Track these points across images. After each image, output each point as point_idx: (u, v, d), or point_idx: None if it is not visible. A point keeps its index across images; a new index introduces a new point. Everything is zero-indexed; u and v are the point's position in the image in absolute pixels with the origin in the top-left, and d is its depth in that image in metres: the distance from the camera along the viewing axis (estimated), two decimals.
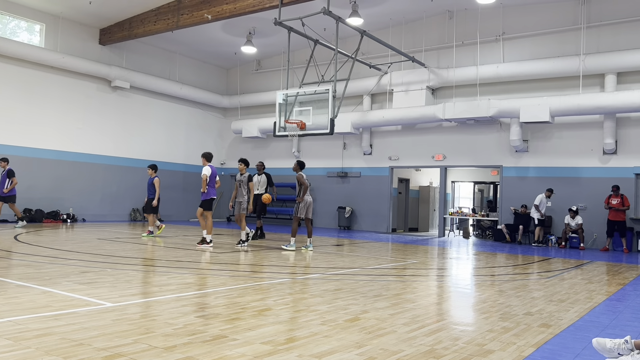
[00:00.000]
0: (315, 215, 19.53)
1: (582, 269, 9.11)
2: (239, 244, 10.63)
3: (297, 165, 10.95)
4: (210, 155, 10.45)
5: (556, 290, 6.64)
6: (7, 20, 15.91)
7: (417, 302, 5.49)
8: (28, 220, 15.38)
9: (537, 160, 15.19)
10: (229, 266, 7.82)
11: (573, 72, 14.30)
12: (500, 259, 10.59)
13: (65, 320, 4.13)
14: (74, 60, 16.57)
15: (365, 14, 15.62)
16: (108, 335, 3.73)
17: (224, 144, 22.36)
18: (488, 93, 15.78)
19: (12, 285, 5.49)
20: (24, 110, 15.79)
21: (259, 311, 4.72)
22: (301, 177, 10.58)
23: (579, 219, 13.87)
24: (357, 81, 17.42)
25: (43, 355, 3.23)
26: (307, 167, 19.78)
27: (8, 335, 3.61)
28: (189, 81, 20.53)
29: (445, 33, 16.68)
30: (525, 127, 15.08)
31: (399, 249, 11.90)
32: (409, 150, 17.48)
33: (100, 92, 17.86)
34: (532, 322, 4.72)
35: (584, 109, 13.59)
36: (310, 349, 3.60)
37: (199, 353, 3.40)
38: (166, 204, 17.93)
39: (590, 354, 3.75)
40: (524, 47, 15.47)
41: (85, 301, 4.87)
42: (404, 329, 4.26)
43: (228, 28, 17.52)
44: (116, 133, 18.29)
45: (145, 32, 16.51)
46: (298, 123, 13.08)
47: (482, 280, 7.62)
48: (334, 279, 6.87)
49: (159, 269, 7.30)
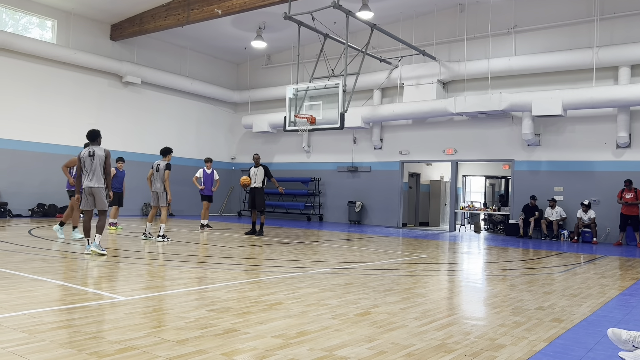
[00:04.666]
0: (325, 209, 19.56)
1: (594, 264, 9.04)
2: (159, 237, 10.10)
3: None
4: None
5: (568, 284, 6.60)
6: (19, 16, 16.04)
7: (428, 297, 5.48)
8: (41, 215, 15.56)
9: (550, 154, 15.06)
10: (239, 260, 7.85)
11: (586, 64, 14.14)
12: (511, 254, 10.53)
13: (79, 314, 4.18)
14: (85, 56, 16.68)
15: (376, 7, 15.54)
16: (121, 328, 3.77)
17: (234, 139, 22.42)
18: (500, 86, 15.65)
19: (27, 279, 5.56)
20: (36, 106, 15.94)
21: (270, 305, 4.74)
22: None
23: (591, 213, 13.75)
24: (367, 75, 17.35)
25: (57, 347, 3.27)
26: (317, 161, 19.89)
27: (23, 328, 3.66)
28: (199, 76, 20.59)
29: (456, 26, 16.55)
30: (537, 121, 14.95)
31: (410, 244, 11.88)
32: (420, 144, 17.41)
33: (112, 87, 17.97)
34: (544, 316, 4.70)
35: (597, 102, 13.44)
36: (321, 342, 3.61)
37: (210, 346, 3.42)
38: (178, 199, 18.01)
39: (603, 348, 3.72)
40: (536, 39, 15.31)
41: (98, 295, 4.92)
42: (414, 323, 4.25)
43: (238, 23, 17.53)
44: (128, 128, 18.40)
45: (155, 27, 16.57)
46: (308, 118, 13.08)
47: (493, 274, 7.59)
48: (344, 274, 6.88)
49: (170, 263, 7.36)
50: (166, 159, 10.33)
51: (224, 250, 8.94)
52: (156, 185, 10.27)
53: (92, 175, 7.57)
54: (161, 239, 9.94)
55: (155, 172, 10.30)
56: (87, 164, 7.63)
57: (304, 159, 20.25)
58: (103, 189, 7.66)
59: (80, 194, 7.67)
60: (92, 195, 7.62)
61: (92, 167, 7.58)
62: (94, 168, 7.57)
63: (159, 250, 8.67)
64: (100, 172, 7.63)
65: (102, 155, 7.65)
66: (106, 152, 7.74)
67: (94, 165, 7.57)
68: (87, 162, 7.63)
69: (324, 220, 19.52)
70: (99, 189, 7.60)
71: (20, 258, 7.12)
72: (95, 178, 7.60)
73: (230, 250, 8.98)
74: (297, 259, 8.22)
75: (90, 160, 7.60)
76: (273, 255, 8.69)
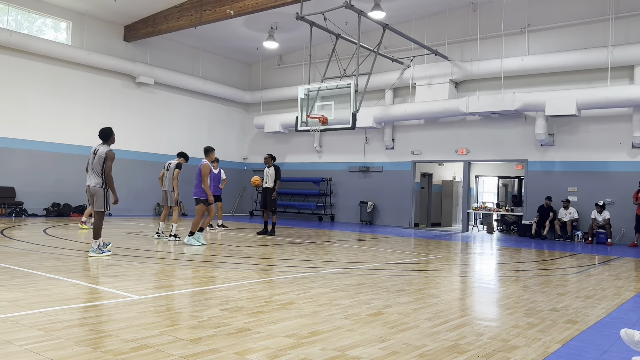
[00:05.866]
0: (336, 209, 19.55)
1: (609, 265, 8.94)
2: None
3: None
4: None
5: (583, 286, 6.54)
6: (34, 18, 16.25)
7: (441, 297, 5.46)
8: (56, 215, 15.74)
9: (563, 154, 14.92)
10: (251, 260, 7.88)
11: (601, 64, 13.99)
12: (525, 255, 10.45)
13: (94, 312, 4.23)
14: (99, 57, 16.85)
15: (388, 7, 15.51)
16: (135, 327, 3.81)
17: (246, 139, 22.50)
18: (513, 86, 15.53)
19: (43, 277, 5.63)
20: (51, 106, 16.14)
21: (282, 305, 4.75)
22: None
23: (606, 214, 13.60)
24: (379, 75, 17.32)
25: (73, 345, 3.31)
26: (329, 161, 19.90)
27: (40, 326, 3.71)
28: (211, 77, 20.70)
29: (469, 26, 16.46)
30: (551, 121, 14.82)
31: (422, 244, 11.84)
32: (432, 144, 17.34)
33: (125, 88, 18.13)
34: (558, 318, 4.66)
35: (612, 101, 13.29)
36: (333, 342, 3.62)
37: (223, 345, 3.45)
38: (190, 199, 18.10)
39: (618, 350, 3.68)
40: (550, 39, 15.18)
41: (112, 294, 4.97)
42: (427, 324, 4.24)
43: (250, 23, 17.59)
44: (141, 128, 18.56)
45: (168, 28, 16.69)
46: (320, 118, 13.08)
47: (506, 275, 7.54)
48: (356, 274, 6.87)
49: (182, 262, 7.41)
50: (180, 161, 10.43)
51: (236, 250, 8.98)
52: (166, 184, 10.37)
53: (91, 173, 7.50)
54: (173, 239, 10.00)
55: (166, 172, 10.39)
56: (89, 161, 7.59)
57: (315, 159, 20.27)
58: (101, 189, 7.46)
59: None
60: (90, 194, 7.51)
61: (91, 165, 7.51)
62: (93, 166, 7.48)
63: (171, 250, 8.73)
64: (98, 170, 7.46)
65: (102, 156, 7.44)
66: (108, 153, 7.47)
67: (93, 163, 7.48)
68: (89, 160, 7.59)
69: (336, 220, 19.52)
70: (96, 188, 7.43)
71: (35, 257, 7.21)
72: (93, 176, 7.47)
73: (242, 250, 9.02)
74: (309, 259, 8.24)
75: (92, 158, 7.54)
76: (285, 255, 8.71)
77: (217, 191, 13.36)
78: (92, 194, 7.53)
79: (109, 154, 7.50)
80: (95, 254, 7.45)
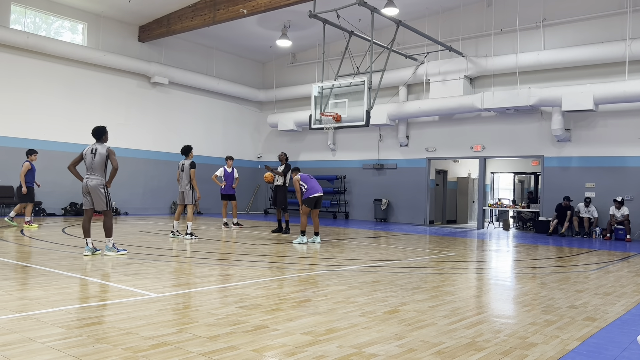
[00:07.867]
0: (351, 207, 19.54)
1: (628, 262, 8.83)
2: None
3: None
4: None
5: (601, 283, 6.46)
6: (51, 20, 16.46)
7: (457, 295, 5.44)
8: (74, 214, 15.95)
9: (581, 150, 14.74)
10: (267, 258, 7.92)
11: (618, 58, 13.79)
12: (541, 251, 10.36)
13: (113, 310, 4.29)
14: (114, 57, 17.03)
15: (401, 3, 15.44)
16: (154, 324, 3.86)
17: (260, 137, 22.58)
18: (528, 81, 15.37)
19: (63, 276, 5.72)
20: (68, 107, 16.35)
21: (299, 302, 4.77)
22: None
23: (625, 210, 13.42)
24: (392, 72, 17.26)
25: (94, 342, 3.36)
26: (343, 159, 19.88)
27: (61, 324, 3.77)
28: (225, 76, 20.79)
29: (483, 21, 16.32)
30: (567, 116, 14.64)
31: (437, 241, 11.80)
32: (447, 141, 17.24)
33: (141, 88, 18.30)
34: (577, 315, 4.62)
35: (631, 96, 13.10)
36: (350, 340, 3.63)
37: (241, 342, 3.47)
38: (204, 197, 18.24)
39: (638, 348, 3.64)
40: (566, 33, 14.99)
41: (131, 292, 5.04)
42: (444, 322, 4.23)
43: (263, 22, 17.64)
44: (156, 128, 18.72)
45: (182, 28, 16.80)
46: (333, 115, 13.08)
47: (523, 272, 7.48)
48: (371, 271, 6.87)
49: (199, 260, 7.47)
50: (189, 158, 10.49)
51: (252, 248, 9.03)
52: (182, 184, 10.45)
53: (93, 173, 7.48)
54: (189, 237, 10.08)
55: (181, 172, 10.48)
56: (87, 161, 7.55)
57: (329, 157, 20.27)
58: (102, 189, 7.46)
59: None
60: (89, 194, 7.48)
61: (92, 165, 7.49)
62: (94, 166, 7.48)
63: (187, 248, 8.81)
64: (101, 169, 7.47)
65: (104, 153, 7.48)
66: (109, 150, 7.54)
67: (94, 163, 7.47)
68: (87, 159, 7.54)
69: (350, 218, 19.51)
70: (98, 188, 7.43)
71: (55, 255, 7.33)
72: (95, 176, 7.46)
73: (257, 248, 9.06)
74: (324, 257, 8.25)
75: (91, 158, 7.51)
76: (300, 253, 8.73)
77: (231, 190, 13.42)
78: (90, 193, 7.46)
79: (111, 150, 7.61)
80: (111, 252, 7.53)
